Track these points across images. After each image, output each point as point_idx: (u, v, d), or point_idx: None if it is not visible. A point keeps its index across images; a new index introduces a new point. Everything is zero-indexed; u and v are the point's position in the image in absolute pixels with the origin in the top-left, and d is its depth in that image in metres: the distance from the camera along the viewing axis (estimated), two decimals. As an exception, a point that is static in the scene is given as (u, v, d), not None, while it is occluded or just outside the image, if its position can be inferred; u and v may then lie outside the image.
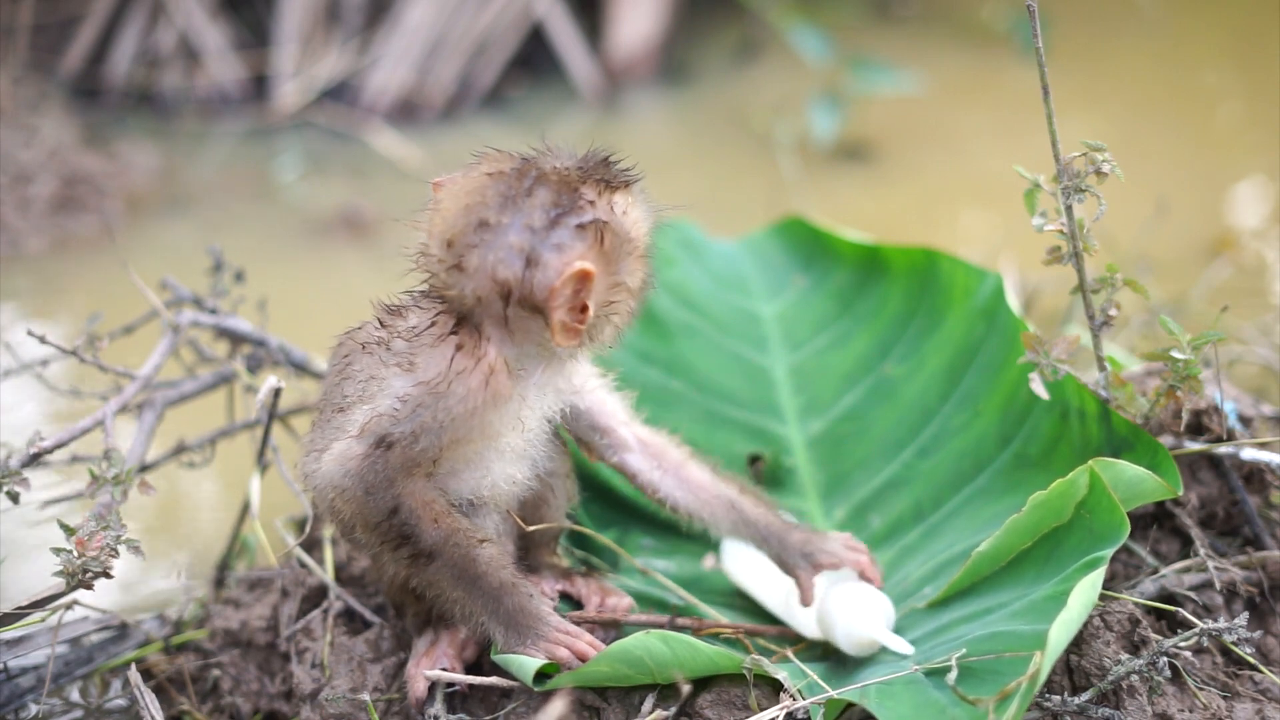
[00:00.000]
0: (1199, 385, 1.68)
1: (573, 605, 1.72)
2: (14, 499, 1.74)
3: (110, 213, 3.74)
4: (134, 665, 1.78)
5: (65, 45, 4.49)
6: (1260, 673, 1.63)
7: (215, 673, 1.90)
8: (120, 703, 1.96)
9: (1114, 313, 1.71)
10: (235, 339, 2.14)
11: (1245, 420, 1.93)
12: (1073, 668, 1.57)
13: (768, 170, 3.87)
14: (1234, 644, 1.62)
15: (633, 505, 1.93)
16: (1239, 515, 1.82)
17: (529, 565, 1.73)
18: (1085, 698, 1.50)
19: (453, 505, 1.56)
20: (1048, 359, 1.70)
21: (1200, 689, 1.58)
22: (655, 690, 1.57)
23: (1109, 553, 1.49)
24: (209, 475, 2.44)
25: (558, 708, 1.49)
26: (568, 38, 4.50)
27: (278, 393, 1.93)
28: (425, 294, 1.57)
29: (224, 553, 2.13)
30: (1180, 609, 1.66)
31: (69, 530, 1.65)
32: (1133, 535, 1.77)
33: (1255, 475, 1.83)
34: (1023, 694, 1.34)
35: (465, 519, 1.55)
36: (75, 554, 1.64)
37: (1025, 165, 1.69)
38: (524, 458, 1.61)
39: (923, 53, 4.53)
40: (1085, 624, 1.58)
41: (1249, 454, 1.79)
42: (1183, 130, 4.09)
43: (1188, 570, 1.73)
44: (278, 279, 2.76)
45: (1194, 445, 1.79)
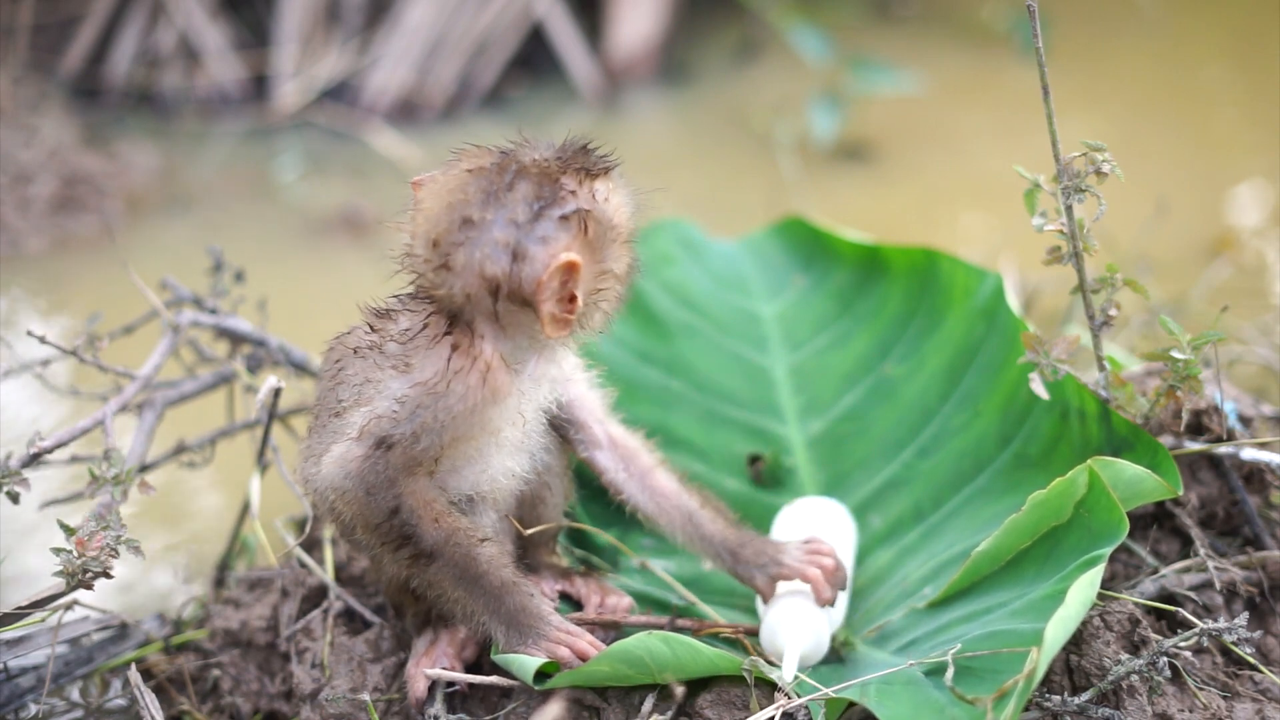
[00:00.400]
0: (1199, 385, 1.68)
1: (572, 605, 1.72)
2: (14, 499, 1.74)
3: (110, 213, 3.74)
4: (134, 665, 1.78)
5: (65, 45, 4.49)
6: (1260, 673, 1.63)
7: (215, 673, 1.90)
8: (120, 703, 1.96)
9: (1114, 313, 1.71)
10: (235, 339, 2.14)
11: (1245, 420, 1.93)
12: (1073, 668, 1.57)
13: (768, 170, 3.87)
14: (1234, 644, 1.62)
15: (633, 505, 1.93)
16: (1239, 515, 1.82)
17: (528, 565, 1.73)
18: (1085, 698, 1.50)
19: (452, 504, 1.56)
20: (1048, 359, 1.70)
21: (1200, 689, 1.58)
22: (655, 690, 1.57)
23: (1108, 551, 1.49)
24: (209, 475, 2.44)
25: (555, 708, 1.49)
26: (568, 38, 4.50)
27: (278, 393, 1.94)
28: (413, 295, 1.57)
29: (224, 553, 2.13)
30: (1180, 609, 1.66)
31: (69, 530, 1.65)
32: (1133, 535, 1.77)
33: (1255, 475, 1.83)
34: (1020, 692, 1.34)
35: (465, 518, 1.56)
36: (75, 554, 1.64)
37: (1025, 165, 1.69)
38: (522, 450, 1.61)
39: (923, 53, 4.52)
40: (1085, 624, 1.58)
41: (1249, 454, 1.79)
42: (1183, 130, 4.08)
43: (1188, 570, 1.73)
44: (278, 279, 2.76)
45: (1194, 445, 1.79)
